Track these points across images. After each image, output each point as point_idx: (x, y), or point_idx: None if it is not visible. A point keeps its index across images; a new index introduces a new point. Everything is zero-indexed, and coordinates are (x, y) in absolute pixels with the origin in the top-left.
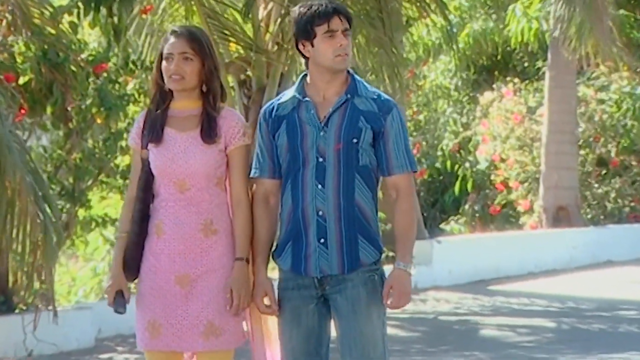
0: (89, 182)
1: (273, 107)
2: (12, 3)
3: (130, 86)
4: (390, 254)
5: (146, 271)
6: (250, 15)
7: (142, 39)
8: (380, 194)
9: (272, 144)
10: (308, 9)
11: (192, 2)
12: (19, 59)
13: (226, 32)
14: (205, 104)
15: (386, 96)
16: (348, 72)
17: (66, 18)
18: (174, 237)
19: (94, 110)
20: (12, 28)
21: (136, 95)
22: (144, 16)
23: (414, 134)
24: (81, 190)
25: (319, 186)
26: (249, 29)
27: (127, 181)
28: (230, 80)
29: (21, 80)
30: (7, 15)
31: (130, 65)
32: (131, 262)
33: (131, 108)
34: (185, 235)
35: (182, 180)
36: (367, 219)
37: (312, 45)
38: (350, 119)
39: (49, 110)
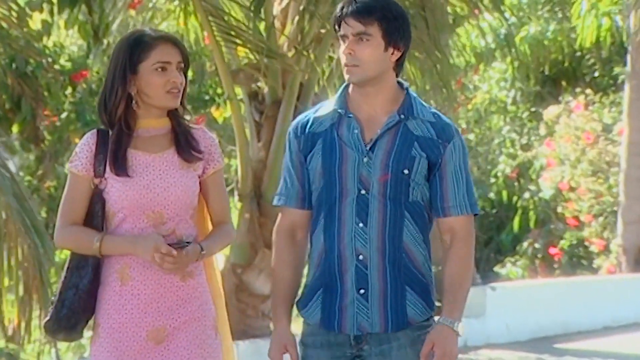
0: None
1: (307, 121)
2: None
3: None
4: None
5: (106, 329)
6: (262, 13)
7: None
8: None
9: (303, 166)
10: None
11: None
12: None
13: (232, 33)
14: (176, 120)
15: (447, 119)
16: (401, 85)
17: (37, 17)
18: (145, 284)
19: (71, 127)
20: None
21: None
22: (131, 12)
23: None
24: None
25: (360, 224)
26: (260, 29)
27: None
28: (239, 92)
29: None
30: None
31: None
32: (77, 316)
33: None
34: (160, 280)
35: (158, 212)
36: (417, 267)
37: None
38: (402, 146)
39: (16, 128)
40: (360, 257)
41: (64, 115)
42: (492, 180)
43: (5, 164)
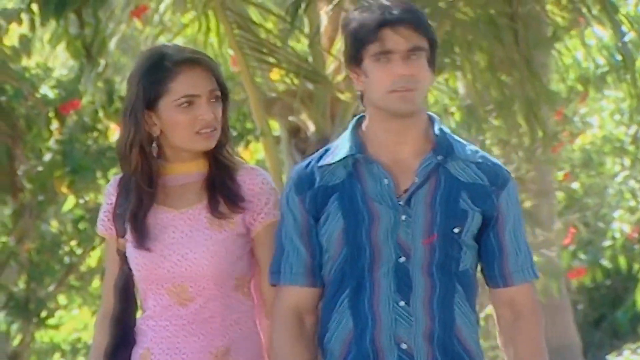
0: (51, 288)
1: (312, 172)
2: None
3: (115, 135)
4: None
5: None
6: (303, 25)
7: (134, 59)
8: None
9: (312, 231)
10: (360, 16)
11: (211, 4)
12: None
13: (265, 50)
14: (215, 161)
15: (494, 159)
16: (431, 119)
17: (14, 30)
18: None
19: (56, 173)
20: None
21: None
22: (135, 21)
23: (565, 210)
24: (39, 300)
25: (401, 302)
26: (301, 46)
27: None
28: (275, 127)
29: None
30: None
31: (116, 102)
32: None
33: (117, 172)
34: None
35: (180, 287)
36: (472, 356)
37: (365, 75)
38: (448, 196)
39: None
40: (403, 345)
41: (48, 157)
42: (606, 242)
43: None
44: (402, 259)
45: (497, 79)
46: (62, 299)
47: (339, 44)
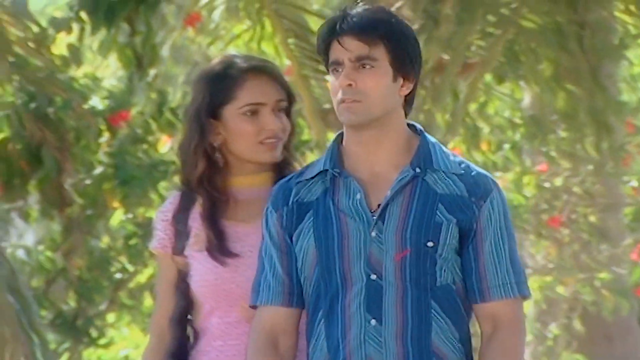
0: (101, 306)
1: (290, 189)
2: None
3: (166, 147)
4: None
5: None
6: None
7: (185, 69)
8: None
9: (289, 249)
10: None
11: (266, 12)
12: None
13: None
14: (281, 175)
15: (479, 170)
16: (414, 128)
17: (63, 39)
18: None
19: (106, 186)
20: None
21: (176, 163)
22: (187, 30)
23: (635, 224)
24: (88, 319)
25: (372, 321)
26: None
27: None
28: (331, 138)
29: None
30: None
31: (167, 114)
32: None
33: (169, 185)
34: None
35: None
36: None
37: None
38: (423, 209)
39: (34, 188)
40: None
41: (97, 170)
42: None
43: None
44: (374, 277)
45: (563, 89)
46: (111, 317)
47: None
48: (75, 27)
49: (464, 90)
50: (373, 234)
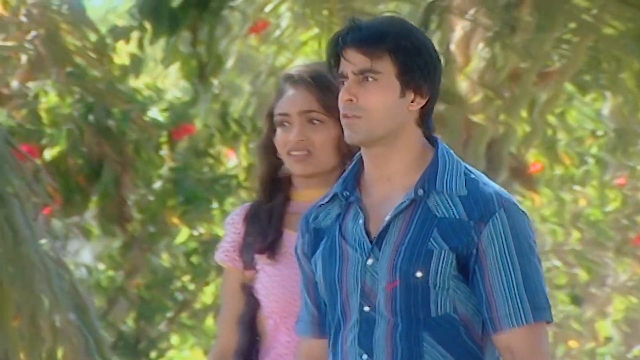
0: (162, 326)
1: (311, 212)
2: (34, 20)
3: (232, 162)
4: None
5: None
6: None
7: (252, 80)
8: None
9: (313, 277)
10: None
11: (336, 21)
12: (45, 119)
13: None
14: None
15: (487, 189)
16: (435, 142)
17: (123, 48)
18: None
19: (168, 203)
20: (36, 67)
21: (241, 179)
22: (251, 39)
23: None
24: (149, 340)
25: (364, 356)
26: None
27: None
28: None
29: (49, 154)
30: (27, 45)
31: (233, 126)
32: None
33: (233, 200)
34: None
35: None
36: None
37: None
38: (418, 235)
39: (94, 204)
40: None
41: (158, 185)
42: None
43: (62, 262)
44: (367, 308)
45: None
46: (173, 338)
47: (476, 62)
48: (134, 35)
49: (542, 100)
50: (369, 262)
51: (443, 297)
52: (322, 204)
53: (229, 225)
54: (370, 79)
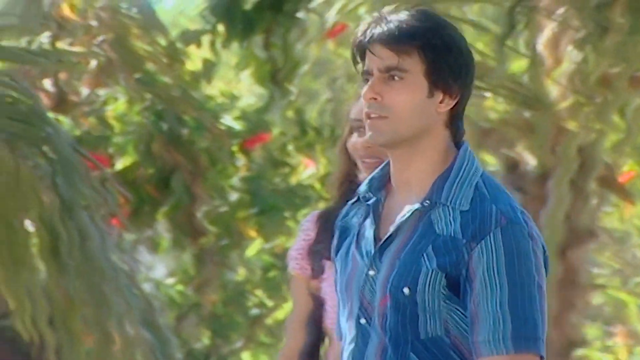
0: (237, 344)
1: (343, 209)
2: (103, 24)
3: (308, 172)
4: None
5: None
6: (519, 46)
7: (328, 86)
8: None
9: None
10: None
11: None
12: (115, 127)
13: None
14: None
15: (495, 207)
16: (461, 144)
17: (194, 53)
18: None
19: (242, 214)
20: (104, 73)
21: (318, 189)
22: (327, 43)
23: None
24: (221, 358)
25: None
26: (518, 67)
27: None
28: (489, 161)
29: (119, 164)
30: (96, 50)
31: (310, 134)
32: None
33: (309, 212)
34: None
35: None
36: None
37: None
38: (413, 250)
39: (164, 216)
40: None
41: (232, 196)
42: None
43: (134, 276)
44: (363, 321)
45: None
46: (247, 356)
47: (565, 65)
48: (206, 39)
49: (634, 105)
50: (371, 272)
51: (433, 317)
52: (354, 202)
53: (300, 231)
54: (396, 77)
